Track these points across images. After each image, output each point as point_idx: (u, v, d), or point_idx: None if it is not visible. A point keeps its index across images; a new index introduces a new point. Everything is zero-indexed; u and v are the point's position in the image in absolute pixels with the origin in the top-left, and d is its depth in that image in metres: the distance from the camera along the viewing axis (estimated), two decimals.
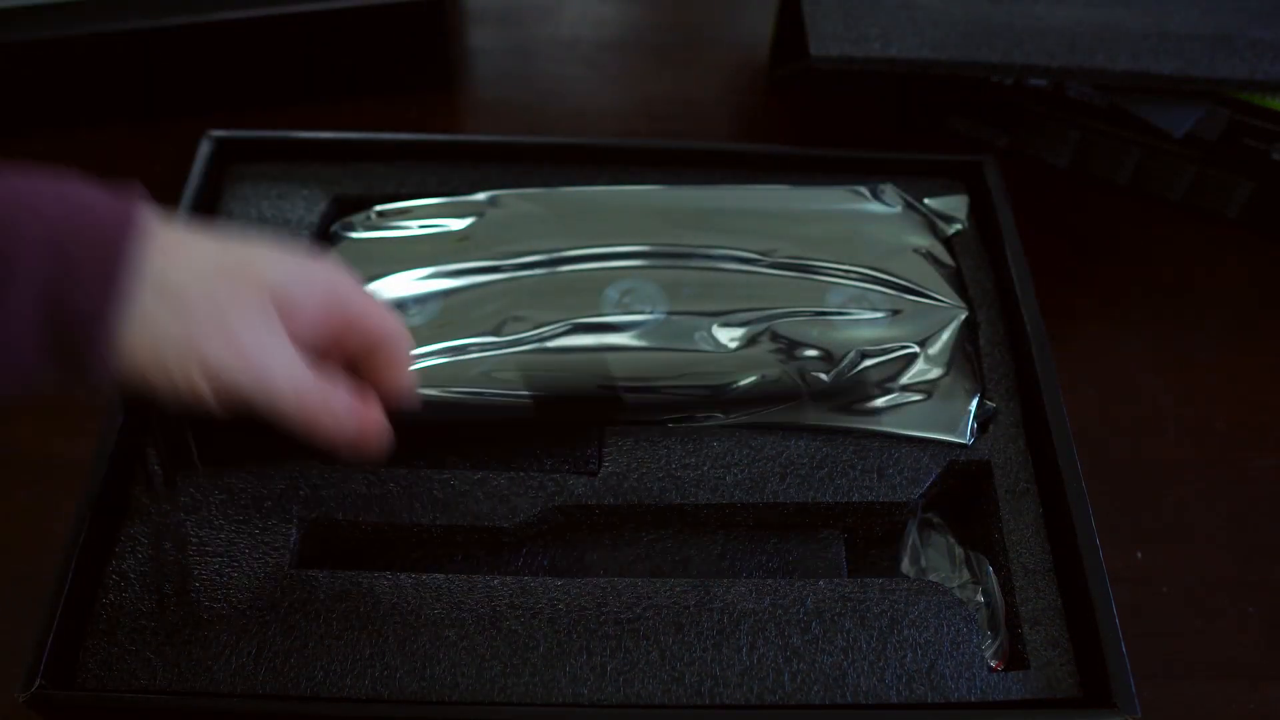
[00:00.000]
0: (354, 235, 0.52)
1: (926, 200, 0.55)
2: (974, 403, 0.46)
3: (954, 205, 0.55)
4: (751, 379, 0.47)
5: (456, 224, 0.52)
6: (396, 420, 0.37)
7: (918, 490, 0.44)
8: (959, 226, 0.54)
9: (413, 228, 0.52)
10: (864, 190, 0.54)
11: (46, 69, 0.62)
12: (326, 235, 0.53)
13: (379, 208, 0.53)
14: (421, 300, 0.49)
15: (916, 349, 0.48)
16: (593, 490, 0.44)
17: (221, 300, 0.33)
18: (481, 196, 0.53)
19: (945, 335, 0.48)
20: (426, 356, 0.47)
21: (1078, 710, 0.39)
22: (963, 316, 0.49)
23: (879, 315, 0.49)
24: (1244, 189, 0.61)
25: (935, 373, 0.47)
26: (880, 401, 0.46)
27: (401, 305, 0.49)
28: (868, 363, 0.47)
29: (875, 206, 0.54)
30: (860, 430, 0.46)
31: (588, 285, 0.50)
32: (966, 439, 0.46)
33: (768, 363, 0.47)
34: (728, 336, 0.48)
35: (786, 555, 0.45)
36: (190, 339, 0.32)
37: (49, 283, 0.30)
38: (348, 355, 0.37)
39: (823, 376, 0.47)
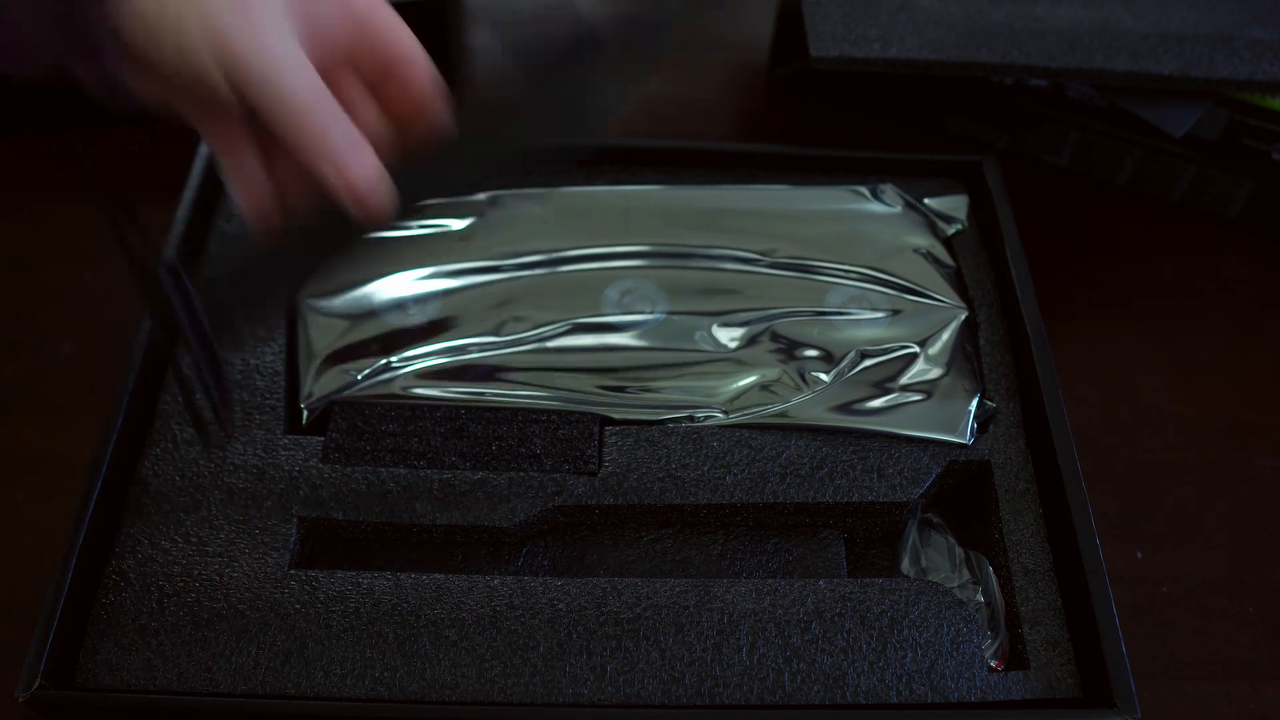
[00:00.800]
0: None
1: (926, 200, 0.55)
2: (974, 403, 0.46)
3: (954, 205, 0.55)
4: (752, 379, 0.47)
5: (456, 224, 0.52)
6: None
7: (918, 490, 0.44)
8: (959, 226, 0.54)
9: (412, 228, 0.52)
10: (864, 190, 0.54)
11: None
12: None
13: None
14: (421, 300, 0.49)
15: (916, 349, 0.48)
16: (593, 490, 0.44)
17: None
18: (481, 196, 0.53)
19: (945, 335, 0.48)
20: (426, 356, 0.47)
21: (1078, 710, 0.39)
22: (963, 316, 0.49)
23: (879, 315, 0.49)
24: (1244, 189, 0.61)
25: (935, 373, 0.47)
26: (880, 401, 0.46)
27: (401, 305, 0.49)
28: (868, 363, 0.47)
29: (875, 206, 0.54)
30: (860, 430, 0.46)
31: (588, 285, 0.50)
32: (966, 439, 0.46)
33: (768, 362, 0.47)
34: (728, 336, 0.48)
35: (786, 555, 0.45)
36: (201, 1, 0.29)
37: None
38: (361, 78, 0.34)
39: (823, 376, 0.47)
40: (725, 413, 0.46)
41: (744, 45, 0.73)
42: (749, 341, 0.48)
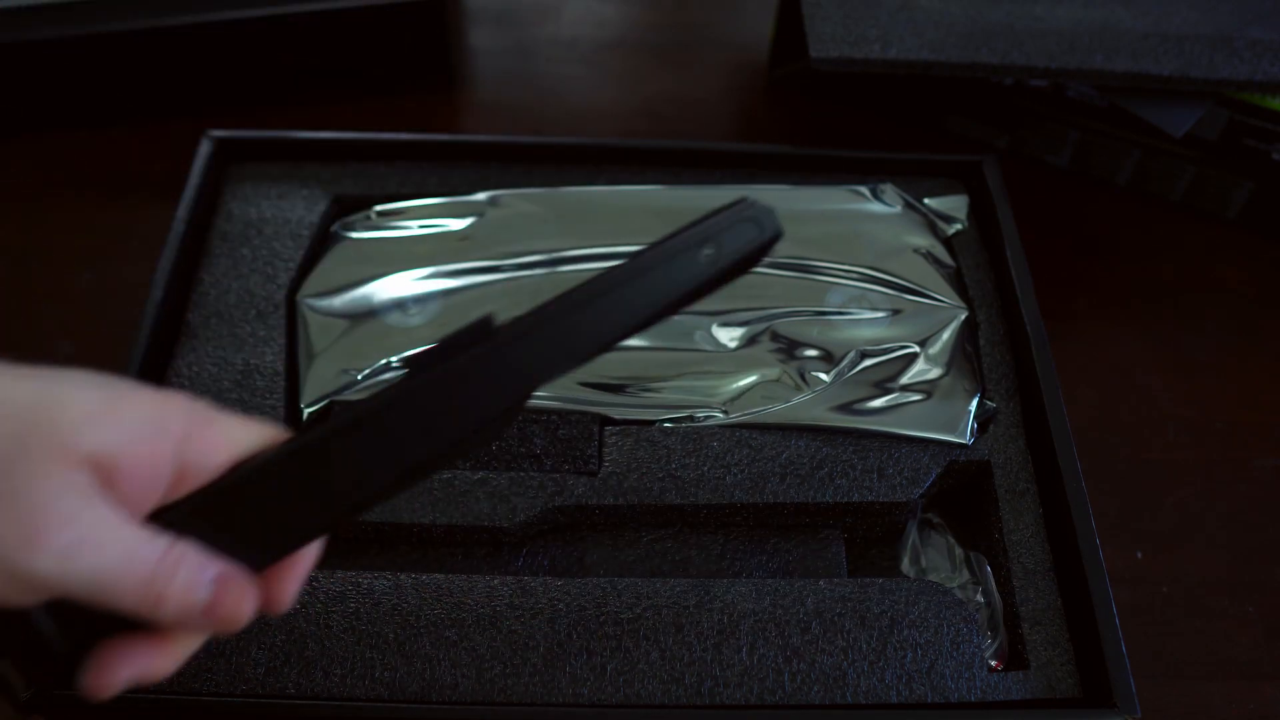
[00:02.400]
0: (354, 235, 0.52)
1: (926, 200, 0.55)
2: (974, 403, 0.46)
3: (954, 205, 0.55)
4: (752, 379, 0.47)
5: (456, 224, 0.52)
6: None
7: (918, 490, 0.44)
8: (959, 226, 0.54)
9: (413, 228, 0.52)
10: (864, 190, 0.54)
11: (47, 69, 0.62)
12: (326, 235, 0.53)
13: (379, 208, 0.53)
14: (421, 300, 0.49)
15: (916, 349, 0.48)
16: (593, 490, 0.44)
17: (13, 479, 0.26)
18: (481, 196, 0.53)
19: (945, 335, 0.48)
20: None
21: (1078, 710, 0.39)
22: (963, 316, 0.49)
23: (879, 315, 0.49)
24: (1244, 189, 0.61)
25: (935, 373, 0.47)
26: (880, 401, 0.46)
27: (401, 305, 0.49)
28: (868, 362, 0.47)
29: (875, 206, 0.54)
30: (860, 430, 0.46)
31: None
32: (966, 439, 0.46)
33: (768, 362, 0.47)
34: (728, 336, 0.48)
35: (786, 555, 0.45)
36: None
37: None
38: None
39: (823, 376, 0.47)
40: (725, 413, 0.46)
41: (744, 45, 0.73)
42: (749, 341, 0.48)
